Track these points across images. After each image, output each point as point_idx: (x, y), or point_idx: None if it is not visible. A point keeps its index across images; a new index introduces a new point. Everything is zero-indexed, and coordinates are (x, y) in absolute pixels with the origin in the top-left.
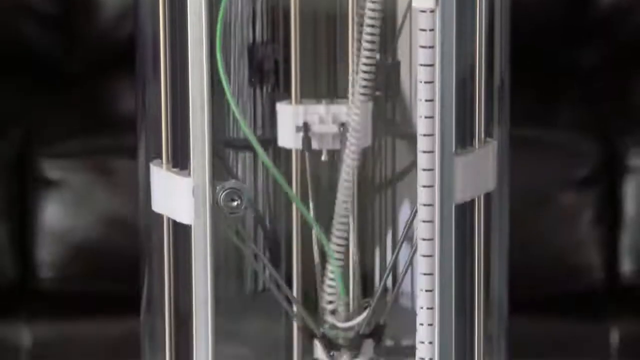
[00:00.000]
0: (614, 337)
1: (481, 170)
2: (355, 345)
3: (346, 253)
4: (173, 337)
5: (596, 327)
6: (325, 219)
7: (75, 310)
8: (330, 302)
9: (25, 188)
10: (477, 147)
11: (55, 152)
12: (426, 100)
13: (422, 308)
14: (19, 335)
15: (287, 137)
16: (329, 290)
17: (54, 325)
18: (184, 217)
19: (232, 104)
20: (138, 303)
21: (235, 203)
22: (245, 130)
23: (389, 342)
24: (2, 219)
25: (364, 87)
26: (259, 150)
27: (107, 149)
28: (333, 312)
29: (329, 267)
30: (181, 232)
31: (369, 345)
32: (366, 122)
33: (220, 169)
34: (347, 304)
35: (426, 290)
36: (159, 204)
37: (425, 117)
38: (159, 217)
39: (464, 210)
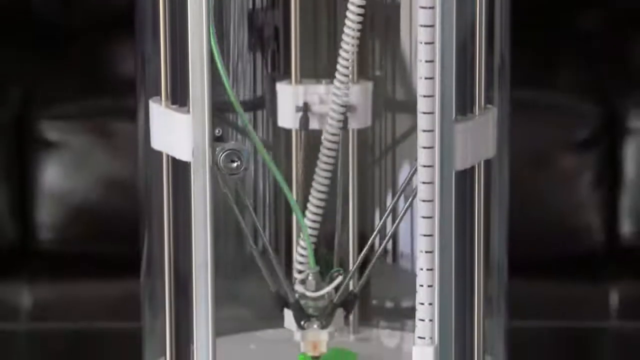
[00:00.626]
0: (614, 298)
1: (481, 138)
2: (326, 315)
3: (321, 224)
4: (173, 299)
5: (596, 289)
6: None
7: (75, 271)
8: (300, 272)
9: (25, 150)
10: (477, 114)
11: (55, 114)
12: (426, 61)
13: (422, 269)
14: (19, 297)
15: (287, 117)
16: (299, 259)
17: (54, 287)
18: (183, 154)
19: (220, 68)
20: (138, 264)
21: (235, 164)
22: (230, 95)
23: (388, 304)
24: (1, 181)
25: (344, 67)
26: (240, 110)
27: (107, 110)
28: (303, 281)
29: (301, 237)
30: (181, 192)
31: (339, 315)
32: (366, 102)
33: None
34: (317, 274)
35: (426, 252)
36: (157, 141)
37: (426, 78)
38: (159, 170)
39: (464, 175)
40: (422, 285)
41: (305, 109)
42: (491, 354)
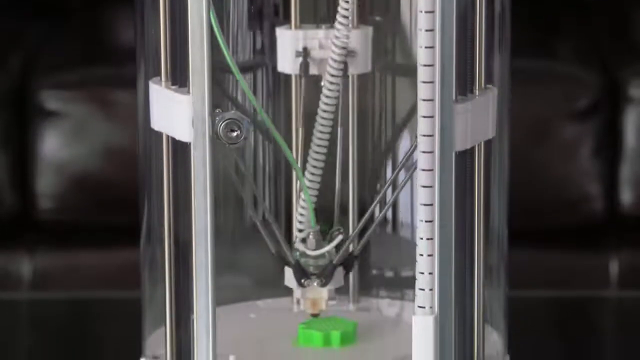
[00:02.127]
0: (614, 267)
1: (481, 119)
2: (326, 273)
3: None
4: (173, 268)
5: (596, 258)
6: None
7: (75, 240)
8: (301, 231)
9: (25, 119)
10: (477, 94)
11: (55, 83)
12: (426, 31)
13: (422, 239)
14: (19, 266)
15: (286, 63)
16: (299, 218)
17: (54, 256)
18: (184, 135)
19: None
20: (138, 233)
21: (235, 134)
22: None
23: (388, 274)
24: (1, 151)
25: (345, 9)
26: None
27: (108, 79)
28: (304, 240)
29: (301, 195)
30: (181, 160)
31: (339, 274)
32: (366, 47)
33: (219, 96)
34: (318, 233)
35: (426, 221)
36: (158, 123)
37: (426, 47)
38: (159, 144)
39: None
40: (422, 255)
41: (305, 54)
42: (491, 323)
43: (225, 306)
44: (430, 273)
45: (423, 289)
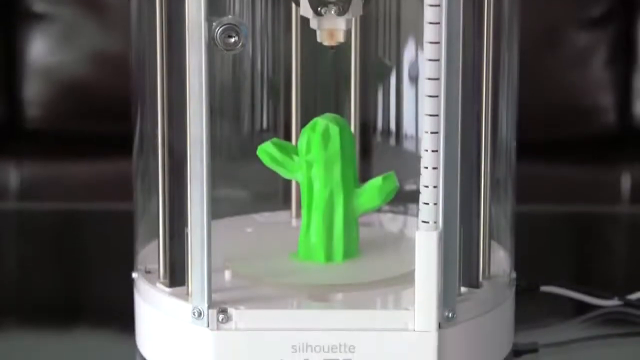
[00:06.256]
0: (626, 182)
1: None
2: (344, 1)
3: None
4: (167, 179)
5: (607, 173)
6: None
7: (64, 150)
8: None
9: (11, 23)
10: None
11: None
12: None
13: (426, 151)
14: (6, 175)
15: None
16: None
17: (42, 166)
18: None
19: None
20: (130, 143)
21: (232, 39)
22: None
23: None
24: None
25: None
26: None
27: None
28: None
29: None
30: (176, 65)
31: (357, 2)
32: None
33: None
34: None
35: (431, 133)
36: None
37: None
38: (153, 48)
39: (472, 46)
40: (426, 168)
41: None
42: (497, 239)
43: (221, 219)
44: (434, 186)
45: (427, 203)
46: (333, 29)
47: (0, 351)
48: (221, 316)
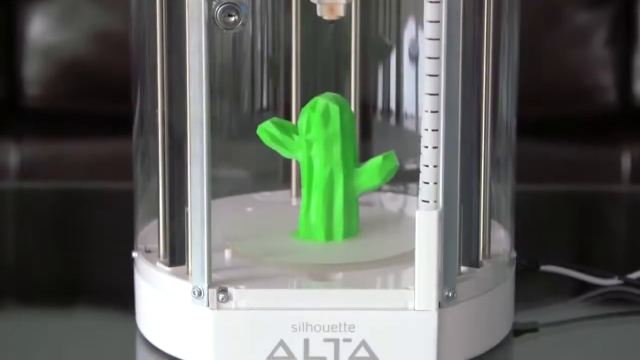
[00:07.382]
0: (626, 161)
1: None
2: None
3: None
4: (167, 158)
5: (607, 152)
6: None
7: (64, 129)
8: None
9: (12, 2)
10: None
11: None
12: None
13: (426, 130)
14: (6, 154)
15: None
16: None
17: (42, 145)
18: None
19: None
20: (130, 122)
21: (232, 18)
22: None
23: None
24: None
25: None
26: None
27: None
28: None
29: None
30: (176, 45)
31: None
32: None
33: None
34: None
35: (431, 112)
36: None
37: None
38: (153, 28)
39: (473, 29)
40: (426, 147)
41: None
42: (497, 218)
43: (221, 199)
44: (435, 165)
45: (427, 182)
46: (333, 2)
47: (1, 331)
48: (221, 295)
